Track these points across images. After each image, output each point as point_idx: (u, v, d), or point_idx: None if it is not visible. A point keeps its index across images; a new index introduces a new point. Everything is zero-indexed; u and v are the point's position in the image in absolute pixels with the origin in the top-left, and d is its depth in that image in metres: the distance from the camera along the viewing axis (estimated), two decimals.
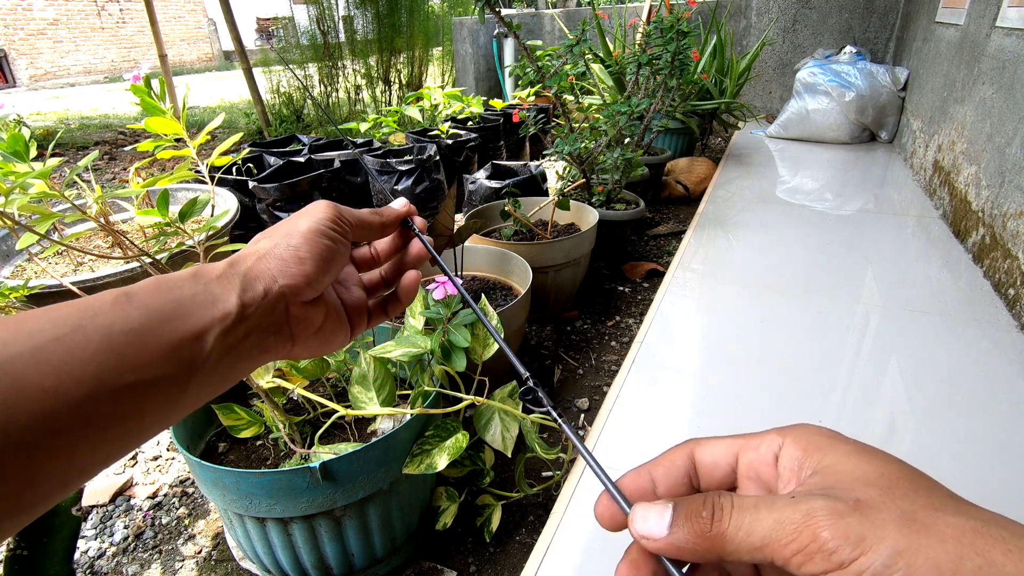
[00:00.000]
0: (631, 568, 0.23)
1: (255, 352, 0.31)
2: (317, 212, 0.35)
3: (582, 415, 1.27)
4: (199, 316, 0.28)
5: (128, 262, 1.19)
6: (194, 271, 0.30)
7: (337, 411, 0.80)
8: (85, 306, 0.25)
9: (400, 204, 0.40)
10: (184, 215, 0.72)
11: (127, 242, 0.79)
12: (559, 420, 0.30)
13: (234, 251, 0.35)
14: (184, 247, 0.80)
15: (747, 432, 0.25)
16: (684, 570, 0.22)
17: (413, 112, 2.91)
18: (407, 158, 2.17)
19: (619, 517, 0.24)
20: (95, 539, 1.02)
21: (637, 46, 2.22)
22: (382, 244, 0.41)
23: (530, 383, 0.31)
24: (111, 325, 0.25)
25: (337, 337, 0.37)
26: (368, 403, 0.81)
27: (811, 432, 0.23)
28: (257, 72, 3.61)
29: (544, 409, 0.30)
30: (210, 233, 0.84)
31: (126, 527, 1.04)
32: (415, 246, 0.41)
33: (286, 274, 0.31)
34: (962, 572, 0.17)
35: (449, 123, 2.72)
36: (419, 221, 0.41)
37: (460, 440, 0.81)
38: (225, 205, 1.55)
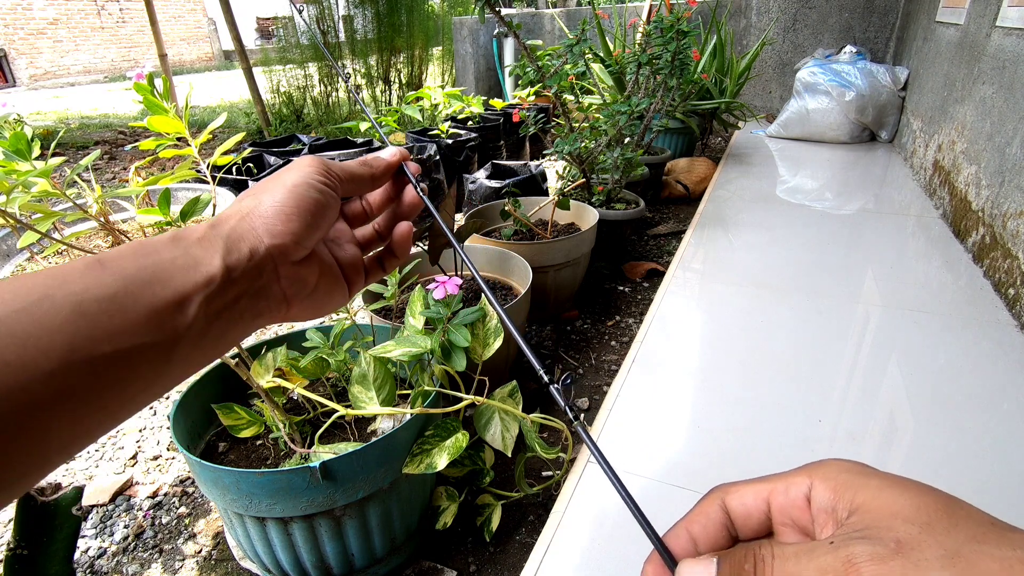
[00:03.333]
0: None
1: (247, 316, 0.30)
2: (303, 166, 0.33)
3: (582, 415, 1.27)
4: (180, 281, 0.26)
5: None
6: (173, 234, 0.28)
7: (337, 411, 0.80)
8: (54, 274, 0.24)
9: (390, 153, 0.38)
10: (185, 214, 0.72)
11: (127, 241, 0.79)
12: (595, 451, 0.28)
13: None
14: None
15: (771, 473, 0.25)
16: None
17: (413, 112, 2.91)
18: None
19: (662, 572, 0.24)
20: (95, 538, 1.02)
21: (637, 46, 2.22)
22: (375, 196, 0.39)
23: (552, 388, 0.30)
24: (83, 292, 0.23)
25: (335, 297, 0.36)
26: (368, 403, 0.81)
27: (838, 469, 0.22)
28: (257, 72, 3.61)
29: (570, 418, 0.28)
30: None
31: (126, 526, 1.04)
32: (408, 194, 0.39)
33: (272, 232, 0.30)
34: None
35: (449, 123, 2.72)
36: (413, 167, 0.39)
37: (460, 440, 0.81)
38: (226, 204, 1.56)
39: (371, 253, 0.39)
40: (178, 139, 0.72)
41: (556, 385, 0.29)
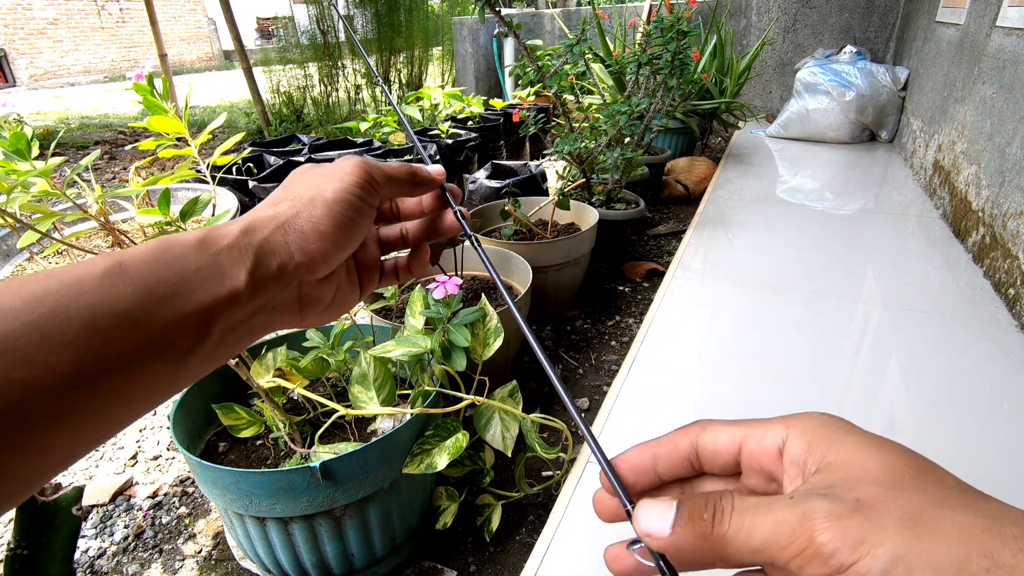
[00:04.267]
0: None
1: (258, 330, 0.28)
2: (346, 175, 0.31)
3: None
4: (202, 294, 0.25)
5: None
6: (201, 236, 0.26)
7: (337, 411, 0.80)
8: (70, 280, 0.22)
9: (436, 171, 0.37)
10: (185, 214, 0.72)
11: (127, 241, 0.79)
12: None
13: None
14: None
15: (754, 419, 0.25)
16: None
17: (413, 112, 2.91)
18: (407, 158, 2.17)
19: (617, 508, 0.24)
20: (95, 538, 1.02)
21: (637, 46, 2.22)
22: (407, 202, 0.37)
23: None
24: (98, 305, 0.22)
25: (345, 305, 0.34)
26: (368, 403, 0.81)
27: (817, 423, 0.22)
28: (257, 72, 3.61)
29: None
30: None
31: (126, 526, 1.04)
32: (448, 217, 0.37)
33: (305, 251, 0.28)
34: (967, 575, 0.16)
35: (449, 123, 2.72)
36: (454, 190, 0.38)
37: (460, 440, 0.81)
38: (225, 205, 1.56)
39: (390, 256, 0.38)
40: (178, 139, 0.72)
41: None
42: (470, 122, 2.95)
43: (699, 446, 0.24)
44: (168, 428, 1.20)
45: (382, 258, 0.37)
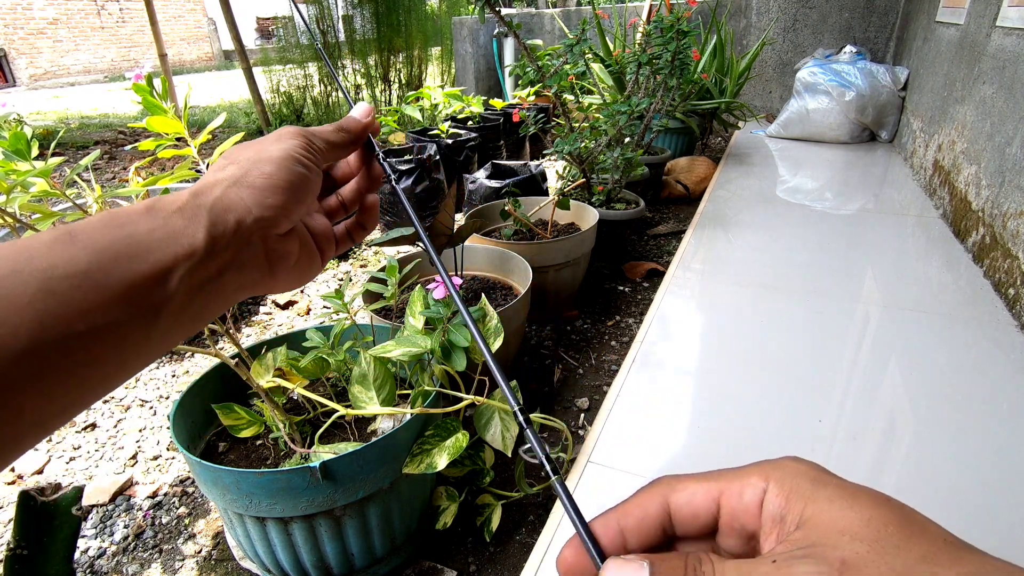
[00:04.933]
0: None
1: (230, 289, 0.29)
2: (286, 138, 0.32)
3: (582, 415, 1.27)
4: (159, 254, 0.25)
5: None
6: (148, 204, 0.26)
7: (337, 411, 0.80)
8: (20, 248, 0.22)
9: (361, 112, 0.37)
10: None
11: None
12: (548, 465, 0.25)
13: None
14: None
15: (727, 468, 0.23)
16: None
17: (413, 111, 2.91)
18: (407, 157, 2.17)
19: (587, 570, 0.22)
20: (95, 538, 1.02)
21: (637, 46, 2.22)
22: (338, 168, 0.39)
23: (519, 417, 0.27)
24: (51, 267, 0.22)
25: (311, 268, 0.35)
26: (368, 403, 0.81)
27: (794, 473, 0.21)
28: (257, 72, 3.60)
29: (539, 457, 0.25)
30: None
31: (126, 526, 1.04)
32: (376, 168, 0.39)
33: (262, 205, 0.29)
34: None
35: (449, 122, 2.72)
36: (373, 128, 0.38)
37: (460, 440, 0.81)
38: None
39: (340, 223, 0.39)
40: (177, 139, 0.72)
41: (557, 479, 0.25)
42: (470, 122, 2.95)
43: (673, 509, 0.22)
44: (168, 428, 1.20)
45: (334, 228, 0.38)
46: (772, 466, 0.21)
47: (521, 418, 0.26)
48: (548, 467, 0.25)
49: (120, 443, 1.25)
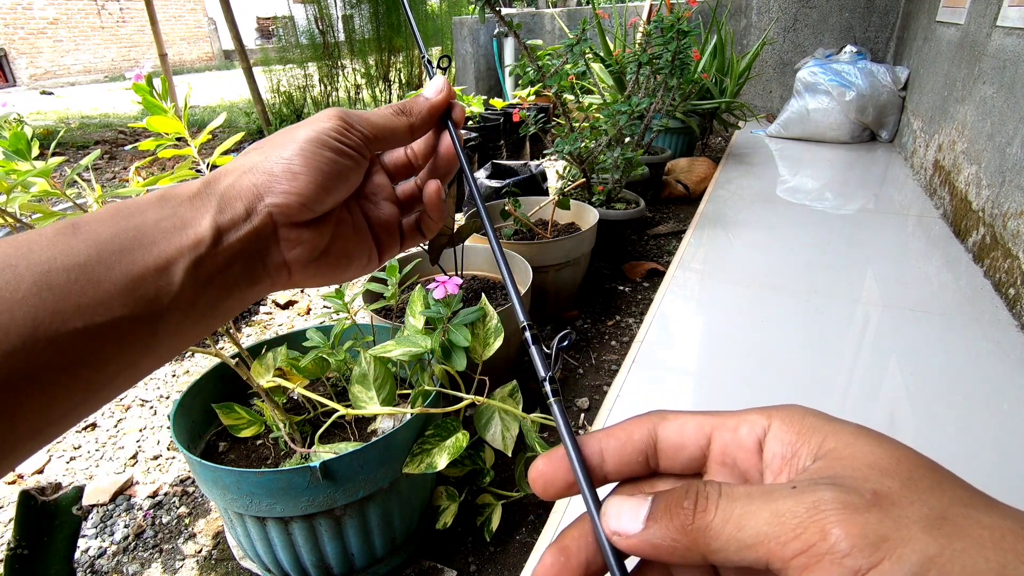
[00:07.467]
0: (559, 554, 0.20)
1: (243, 284, 0.27)
2: (320, 120, 0.29)
3: (582, 415, 1.27)
4: (163, 245, 0.23)
5: None
6: (161, 193, 0.25)
7: (337, 410, 0.80)
8: (19, 242, 0.21)
9: (434, 90, 0.32)
10: None
11: None
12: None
13: None
14: None
15: (723, 411, 0.21)
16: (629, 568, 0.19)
17: None
18: None
19: (558, 482, 0.21)
20: (95, 538, 1.02)
21: (637, 45, 2.22)
22: (419, 144, 0.34)
23: (528, 334, 0.26)
24: (50, 261, 0.21)
25: (356, 261, 0.32)
26: (368, 402, 0.81)
27: (803, 413, 0.19)
28: (257, 71, 3.61)
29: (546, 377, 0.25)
30: None
31: (126, 526, 1.04)
32: (443, 145, 0.33)
33: (275, 191, 0.26)
34: None
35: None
36: (457, 112, 0.33)
37: (460, 439, 0.81)
38: None
39: (413, 215, 0.34)
40: (177, 139, 0.72)
41: (550, 386, 0.25)
42: (470, 122, 2.95)
43: (659, 438, 0.21)
44: (168, 428, 1.20)
45: (403, 220, 0.34)
46: (775, 408, 0.20)
47: (528, 334, 0.26)
48: (548, 388, 0.24)
49: (120, 443, 1.25)
